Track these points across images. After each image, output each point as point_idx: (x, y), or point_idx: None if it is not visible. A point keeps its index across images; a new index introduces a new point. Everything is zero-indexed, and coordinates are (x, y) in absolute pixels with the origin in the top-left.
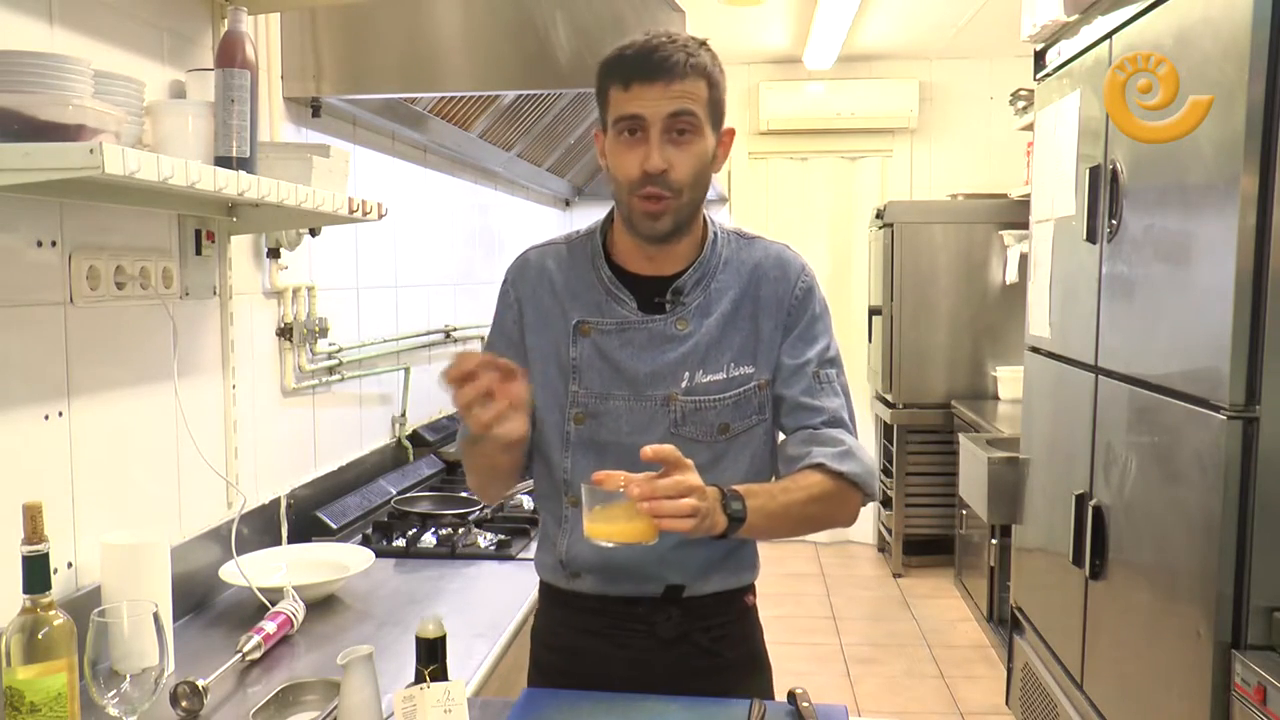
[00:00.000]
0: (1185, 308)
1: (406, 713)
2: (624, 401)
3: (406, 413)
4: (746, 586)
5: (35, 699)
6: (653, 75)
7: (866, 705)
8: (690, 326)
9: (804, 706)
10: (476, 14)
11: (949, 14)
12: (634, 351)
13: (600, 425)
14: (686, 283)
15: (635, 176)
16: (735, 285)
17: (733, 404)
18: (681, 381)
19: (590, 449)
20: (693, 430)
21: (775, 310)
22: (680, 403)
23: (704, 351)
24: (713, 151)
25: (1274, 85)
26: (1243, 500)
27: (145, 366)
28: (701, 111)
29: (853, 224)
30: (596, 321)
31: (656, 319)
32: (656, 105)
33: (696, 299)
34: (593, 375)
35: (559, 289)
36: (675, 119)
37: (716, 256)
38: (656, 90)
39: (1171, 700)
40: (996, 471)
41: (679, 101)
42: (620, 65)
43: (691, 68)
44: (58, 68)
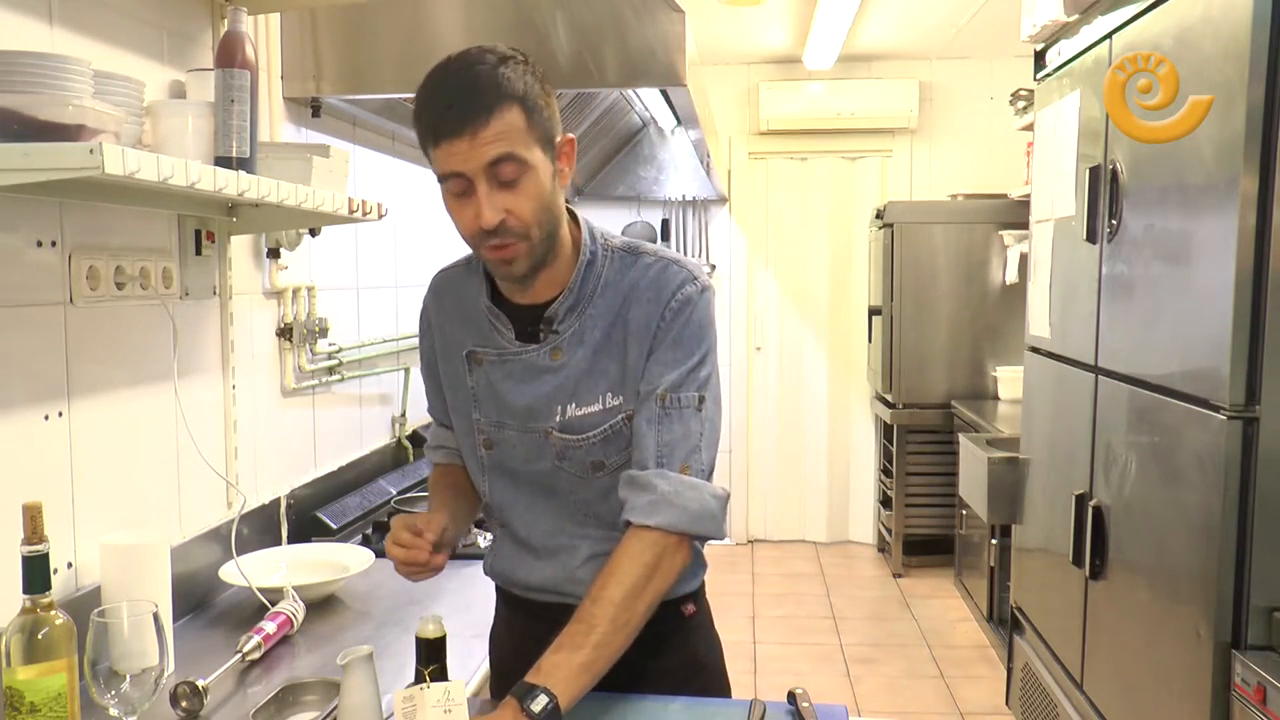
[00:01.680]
0: (1185, 308)
1: (406, 713)
2: (515, 432)
3: (406, 413)
4: (680, 598)
5: (35, 699)
6: (458, 129)
7: (866, 705)
8: (564, 357)
9: (804, 706)
10: (476, 14)
11: (949, 14)
12: (513, 384)
13: (503, 452)
14: (558, 310)
15: (475, 232)
16: (608, 312)
17: (601, 441)
18: (555, 415)
19: (503, 473)
20: (570, 467)
21: (643, 335)
22: (556, 438)
23: (574, 384)
24: (551, 175)
25: (1274, 85)
26: (1243, 500)
27: (145, 366)
28: (521, 146)
29: (853, 224)
30: (483, 351)
31: (530, 349)
32: (470, 159)
33: (571, 326)
34: (488, 405)
35: (456, 315)
36: (496, 167)
37: (594, 279)
38: (464, 144)
39: (1171, 700)
40: (996, 471)
41: (492, 148)
42: (425, 119)
43: (495, 105)
44: (58, 68)
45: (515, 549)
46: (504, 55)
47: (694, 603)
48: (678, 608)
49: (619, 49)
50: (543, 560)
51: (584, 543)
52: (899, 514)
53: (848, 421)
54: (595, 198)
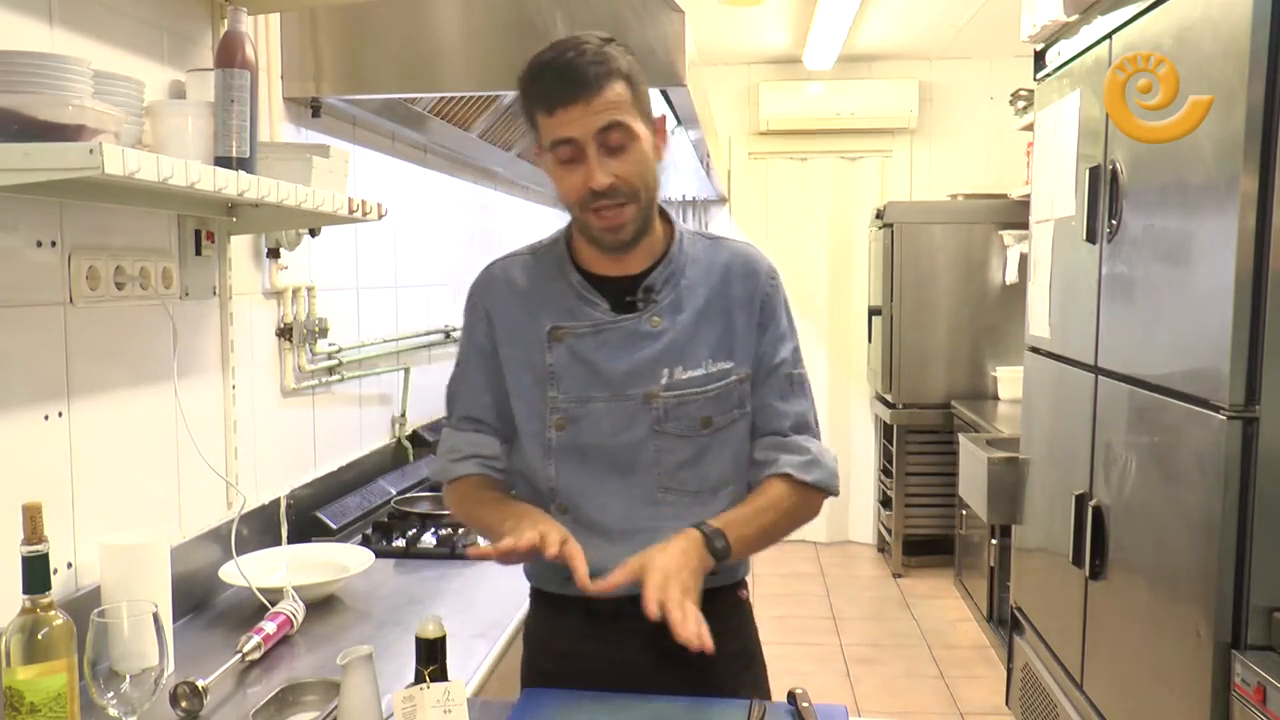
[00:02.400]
0: (1185, 308)
1: (406, 713)
2: (604, 403)
3: (406, 413)
4: (737, 582)
5: (35, 699)
6: (572, 96)
7: (866, 705)
8: (664, 323)
9: (804, 706)
10: (476, 14)
11: (949, 14)
12: (610, 352)
13: (581, 429)
14: (657, 280)
15: (583, 196)
16: (705, 283)
17: (714, 397)
18: (661, 378)
19: (574, 454)
20: (675, 426)
21: (747, 306)
22: (662, 399)
23: (681, 347)
24: (651, 146)
25: (1274, 85)
26: (1243, 500)
27: (145, 366)
28: (628, 116)
29: (853, 224)
30: (570, 325)
31: (629, 318)
32: (583, 125)
33: (668, 296)
34: (570, 379)
35: (527, 298)
36: (606, 134)
37: (684, 255)
38: (578, 110)
39: (1171, 700)
40: (996, 471)
41: (604, 115)
42: (538, 90)
43: (606, 75)
44: (58, 68)
45: (585, 534)
46: (605, 38)
47: (745, 589)
48: (734, 591)
49: None
50: (618, 543)
51: (665, 522)
52: (899, 514)
53: (848, 421)
54: None
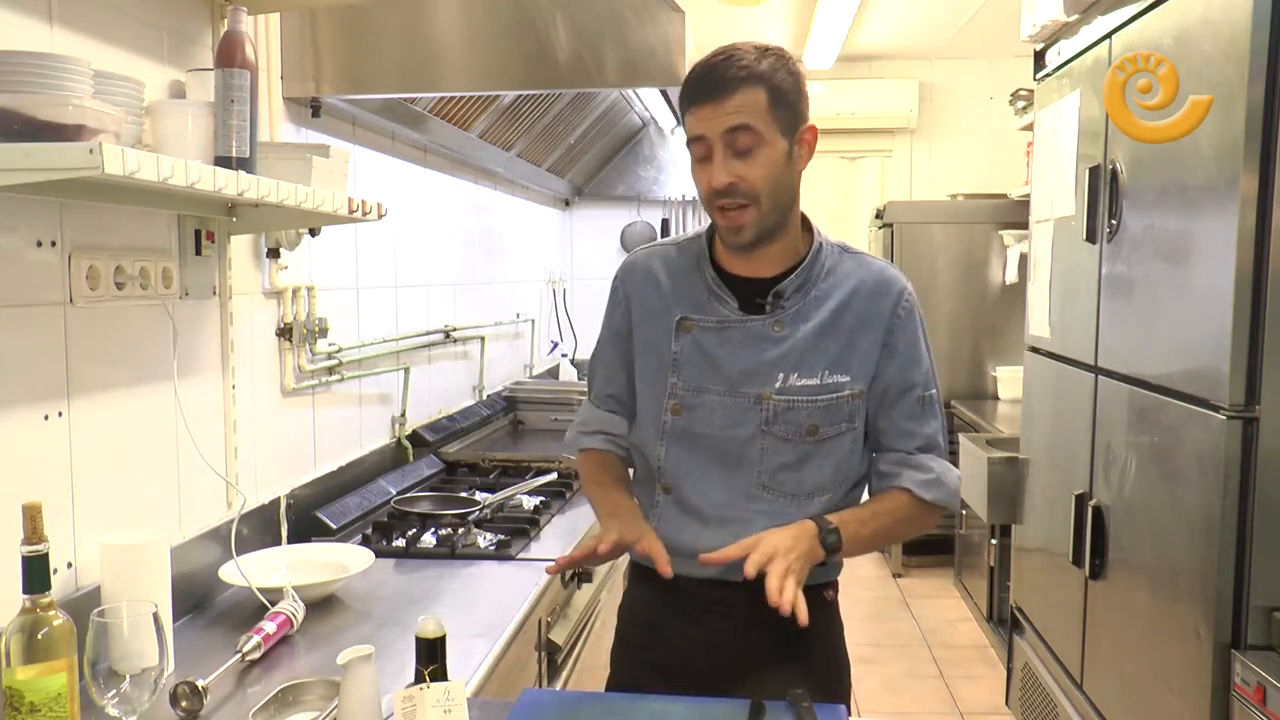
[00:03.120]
0: (1185, 308)
1: (406, 713)
2: (719, 396)
3: (406, 413)
4: (827, 582)
5: (35, 699)
6: (705, 96)
7: (866, 705)
8: (787, 329)
9: (804, 706)
10: (476, 14)
11: (949, 14)
12: (731, 349)
13: (694, 418)
14: (788, 287)
15: (707, 192)
16: (836, 296)
17: (823, 407)
18: (775, 381)
19: (684, 440)
20: (782, 429)
21: (875, 326)
22: (773, 401)
23: (799, 355)
24: (786, 154)
25: (1274, 85)
26: (1243, 500)
27: (145, 366)
28: (760, 121)
29: (853, 224)
30: (699, 319)
31: (755, 319)
32: (713, 124)
33: (796, 304)
34: (691, 369)
35: (665, 288)
36: (733, 135)
37: (819, 266)
38: (708, 110)
39: (1171, 700)
40: (996, 471)
41: (733, 117)
42: (685, 88)
43: (743, 80)
44: (58, 68)
45: (682, 516)
46: (766, 48)
47: (834, 590)
48: (820, 592)
49: (619, 49)
50: (712, 528)
51: (760, 517)
52: None
53: None
54: (595, 198)
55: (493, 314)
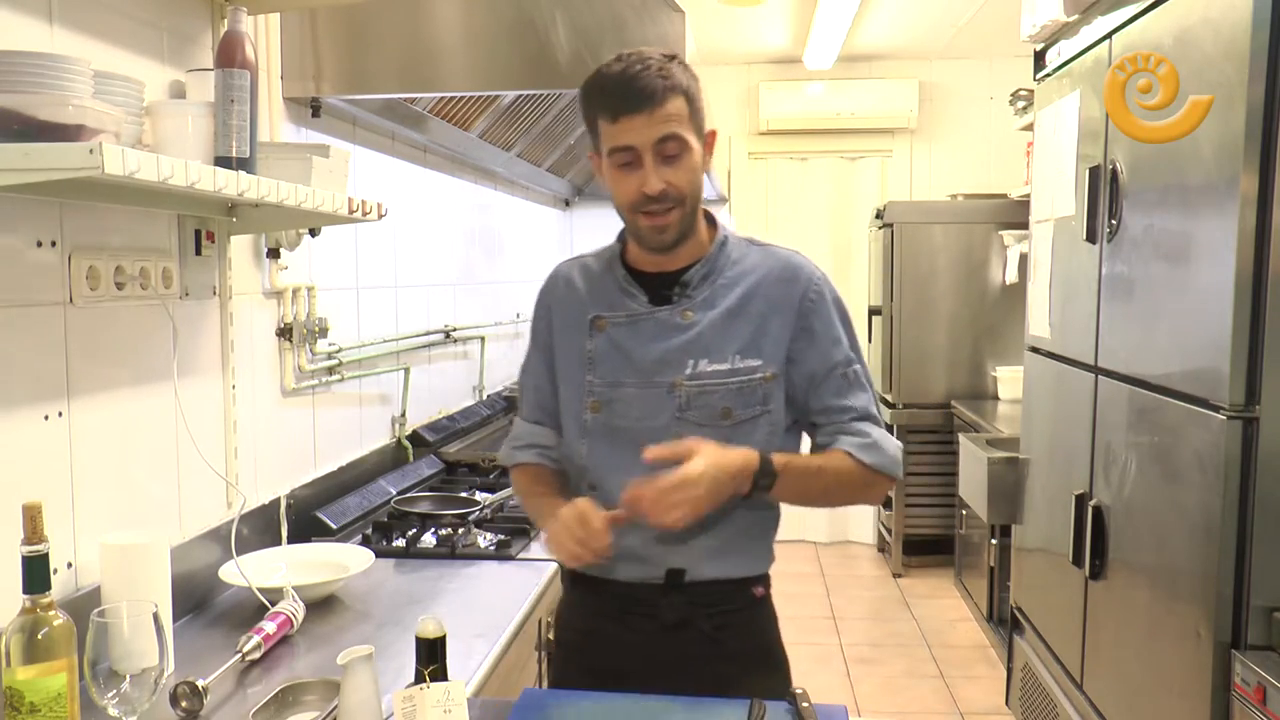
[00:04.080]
0: (1185, 308)
1: (406, 713)
2: (633, 388)
3: (406, 413)
4: (755, 577)
5: (35, 699)
6: (636, 107)
7: (866, 705)
8: (695, 317)
9: (804, 706)
10: (476, 14)
11: (949, 14)
12: (643, 341)
13: (613, 412)
14: (694, 276)
15: (636, 199)
16: (744, 283)
17: (736, 390)
18: (686, 368)
19: (605, 435)
20: (696, 415)
21: (785, 311)
22: (685, 388)
23: (709, 340)
24: (701, 157)
25: (1274, 85)
26: (1243, 500)
27: (145, 366)
28: (684, 129)
29: (853, 224)
30: (610, 315)
31: (663, 309)
32: (644, 134)
33: (703, 292)
34: (606, 365)
35: (582, 294)
36: (663, 144)
37: (725, 256)
38: (641, 120)
39: (1171, 700)
40: (996, 471)
41: (664, 127)
42: (604, 99)
43: (670, 90)
44: (58, 68)
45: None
46: (669, 56)
47: (763, 586)
48: (749, 589)
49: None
50: (631, 525)
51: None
52: (899, 514)
53: None
54: (595, 198)
55: (493, 314)
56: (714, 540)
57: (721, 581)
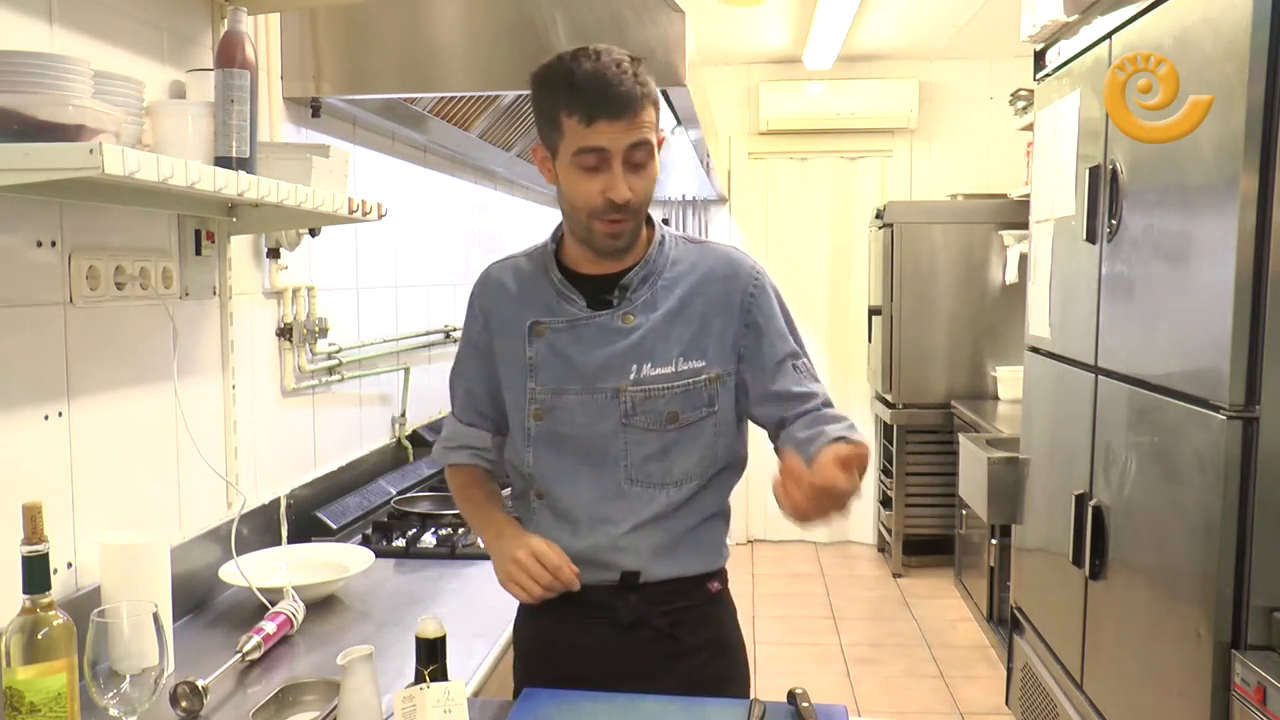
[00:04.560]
0: (1185, 308)
1: (406, 713)
2: (576, 395)
3: (406, 413)
4: (710, 573)
5: (35, 699)
6: (614, 112)
7: (866, 705)
8: (637, 320)
9: (804, 706)
10: (476, 14)
11: (949, 14)
12: (584, 347)
13: (557, 419)
14: (633, 279)
15: (598, 204)
16: (684, 283)
17: (681, 393)
18: (629, 373)
19: (550, 443)
20: (643, 420)
21: (725, 308)
22: (629, 393)
23: (651, 344)
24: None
25: (1274, 85)
26: (1243, 500)
27: (145, 366)
28: (653, 136)
29: (853, 224)
30: (549, 321)
31: (603, 314)
32: (618, 140)
33: (643, 295)
34: (547, 372)
35: (516, 297)
36: (634, 151)
37: (664, 256)
38: (619, 126)
39: (1171, 700)
40: (996, 471)
41: (637, 134)
42: (576, 98)
43: (644, 98)
44: (58, 68)
45: (555, 521)
46: (634, 58)
47: (719, 581)
48: (705, 584)
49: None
50: (582, 532)
51: (627, 515)
52: (899, 514)
53: None
54: None
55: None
56: (666, 540)
57: (675, 580)
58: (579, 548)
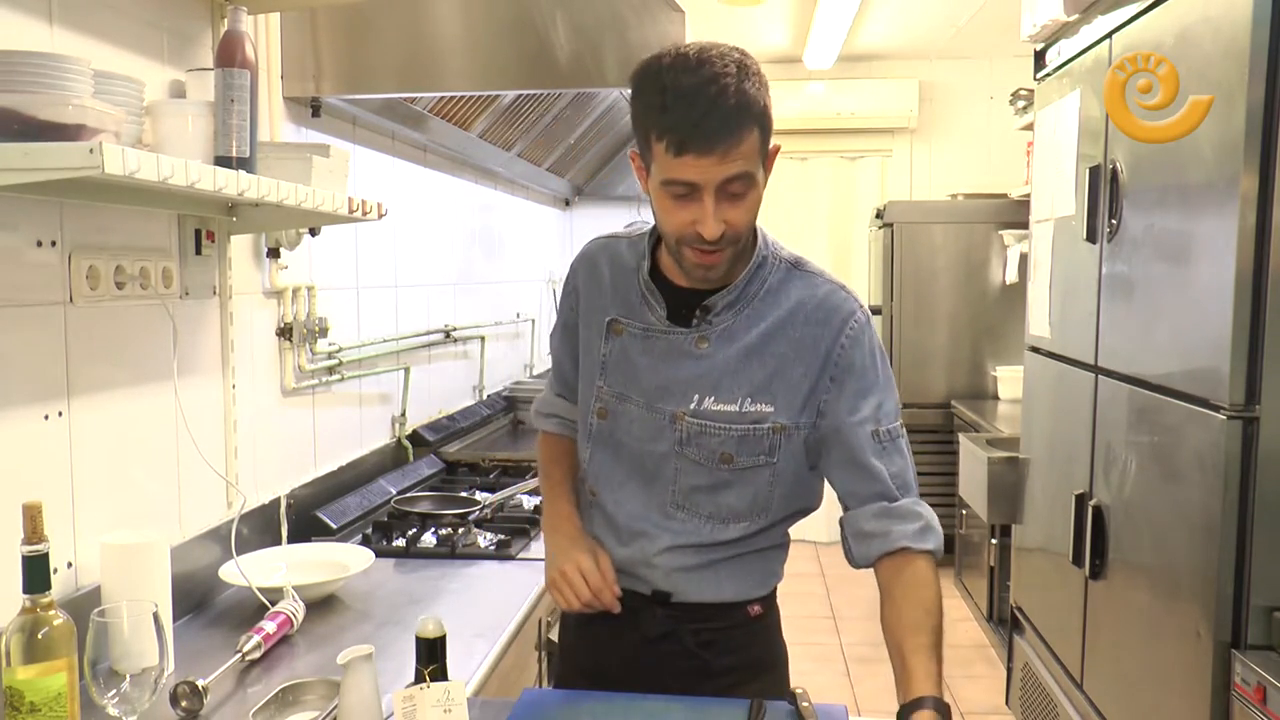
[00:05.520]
0: (1185, 308)
1: (406, 713)
2: (637, 408)
3: (406, 413)
4: (747, 600)
5: (35, 699)
6: (708, 147)
7: (866, 705)
8: (711, 347)
9: (804, 706)
10: (476, 14)
11: (949, 14)
12: (651, 361)
13: (617, 425)
14: (718, 301)
15: (688, 234)
16: (770, 317)
17: (738, 437)
18: (690, 402)
19: (608, 445)
20: (695, 453)
21: (811, 356)
22: (686, 422)
23: (719, 377)
24: (763, 185)
25: (1274, 85)
26: (1243, 500)
27: (145, 366)
28: (754, 165)
29: (853, 224)
30: (627, 323)
31: (679, 331)
32: (710, 174)
33: (725, 321)
34: (616, 375)
35: (607, 286)
36: (729, 183)
37: (759, 283)
38: (710, 161)
39: (1171, 700)
40: (996, 471)
41: (733, 167)
42: (666, 122)
43: (743, 127)
44: (58, 68)
45: (604, 524)
46: (741, 64)
47: (761, 605)
48: (744, 609)
49: (619, 49)
50: (623, 543)
51: (665, 534)
52: None
53: None
54: (595, 198)
55: (493, 314)
56: (702, 564)
57: (710, 604)
58: (621, 555)
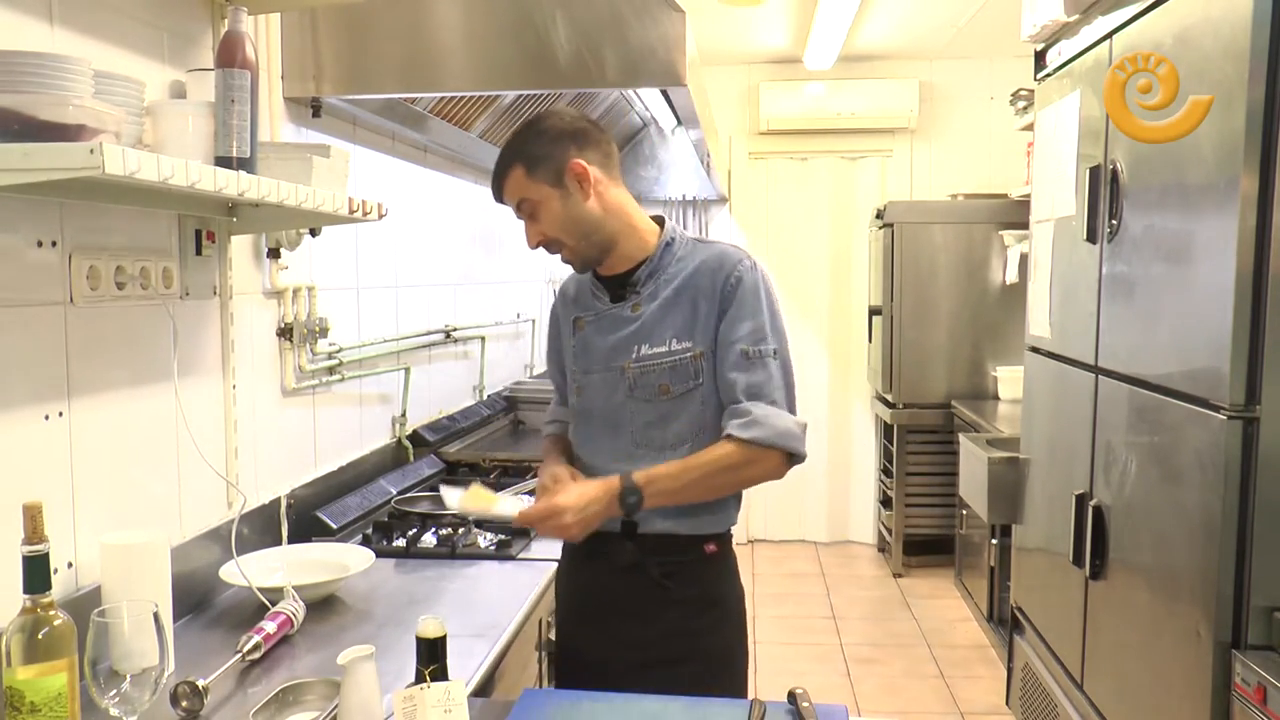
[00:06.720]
0: (1185, 308)
1: (406, 713)
2: (598, 374)
3: (406, 413)
4: (707, 536)
5: (35, 699)
6: (497, 193)
7: (866, 705)
8: (641, 309)
9: (804, 706)
10: (476, 14)
11: (949, 14)
12: (604, 334)
13: (586, 396)
14: (641, 275)
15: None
16: (681, 276)
17: (670, 368)
18: (632, 353)
19: (583, 415)
20: (642, 392)
21: (710, 295)
22: (631, 370)
23: (650, 329)
24: (562, 200)
25: (1274, 85)
26: (1243, 500)
27: (145, 366)
28: (529, 191)
29: (853, 224)
30: (585, 315)
31: (617, 305)
32: (508, 205)
33: (649, 288)
34: (582, 356)
35: (572, 301)
36: (519, 208)
37: (670, 256)
38: (502, 198)
39: (1171, 700)
40: (996, 471)
41: (511, 199)
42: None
43: (505, 170)
44: (58, 68)
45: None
46: (531, 122)
47: (716, 544)
48: (700, 545)
49: (619, 49)
50: None
51: (634, 467)
52: (899, 514)
53: (848, 421)
54: None
55: (493, 314)
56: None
57: (670, 535)
58: None
